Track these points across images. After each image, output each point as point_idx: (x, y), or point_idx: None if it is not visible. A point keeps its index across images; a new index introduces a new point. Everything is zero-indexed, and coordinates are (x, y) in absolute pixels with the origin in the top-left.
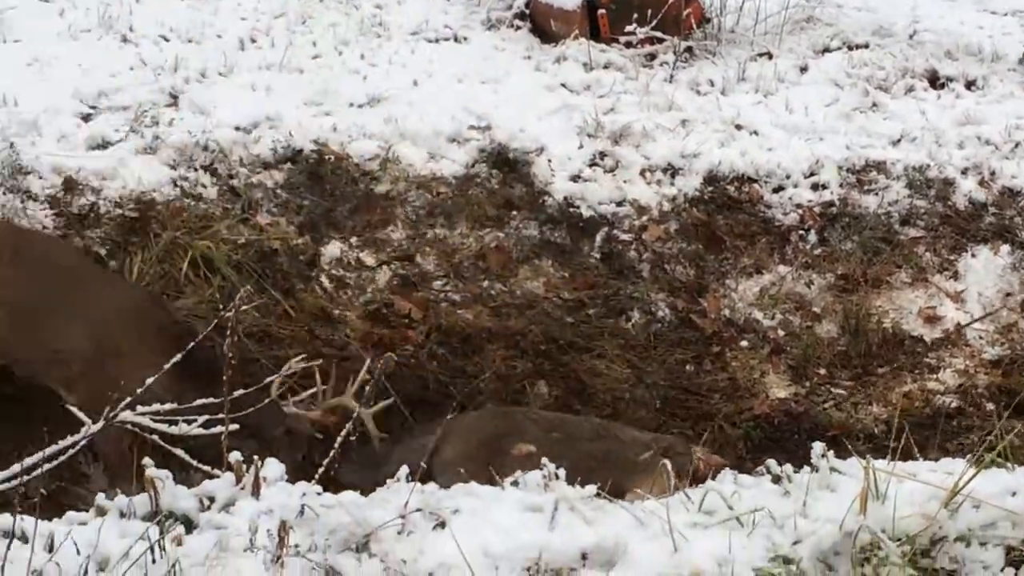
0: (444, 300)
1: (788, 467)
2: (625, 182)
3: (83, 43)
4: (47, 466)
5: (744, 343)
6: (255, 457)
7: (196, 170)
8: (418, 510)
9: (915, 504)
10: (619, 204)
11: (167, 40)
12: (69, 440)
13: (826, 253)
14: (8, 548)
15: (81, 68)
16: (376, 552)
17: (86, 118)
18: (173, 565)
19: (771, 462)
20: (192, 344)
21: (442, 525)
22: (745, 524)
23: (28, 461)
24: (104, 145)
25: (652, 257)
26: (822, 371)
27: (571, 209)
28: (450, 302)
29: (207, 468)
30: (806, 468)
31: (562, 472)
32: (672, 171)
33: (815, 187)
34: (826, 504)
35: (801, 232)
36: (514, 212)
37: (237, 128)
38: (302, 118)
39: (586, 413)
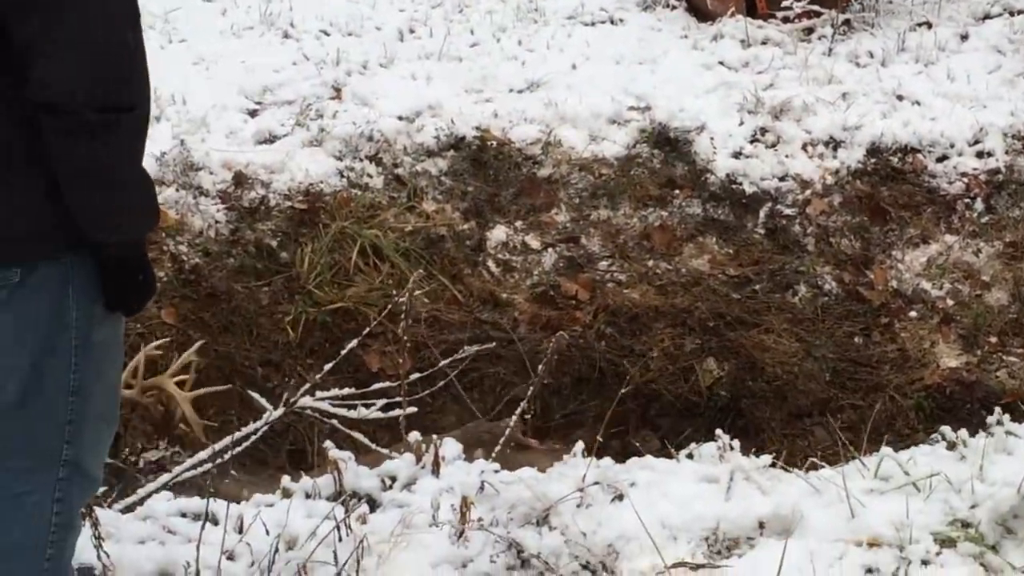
0: (610, 280)
1: (963, 432)
2: (787, 157)
3: (245, 41)
4: (234, 451)
5: (913, 314)
6: (434, 437)
7: (361, 160)
8: (595, 483)
9: None
10: (781, 179)
11: (327, 34)
12: (252, 426)
13: (993, 221)
14: (202, 529)
15: (245, 65)
16: (556, 525)
17: (252, 113)
18: (360, 542)
19: (945, 428)
20: (365, 332)
21: (620, 498)
22: (922, 489)
23: (215, 447)
24: (271, 139)
25: (816, 231)
26: (993, 339)
27: (734, 186)
28: (616, 282)
29: (385, 451)
30: (981, 433)
31: (736, 443)
32: (834, 144)
33: (980, 155)
34: (1003, 468)
35: (967, 201)
36: (676, 191)
37: (400, 118)
38: (463, 105)
39: (757, 388)
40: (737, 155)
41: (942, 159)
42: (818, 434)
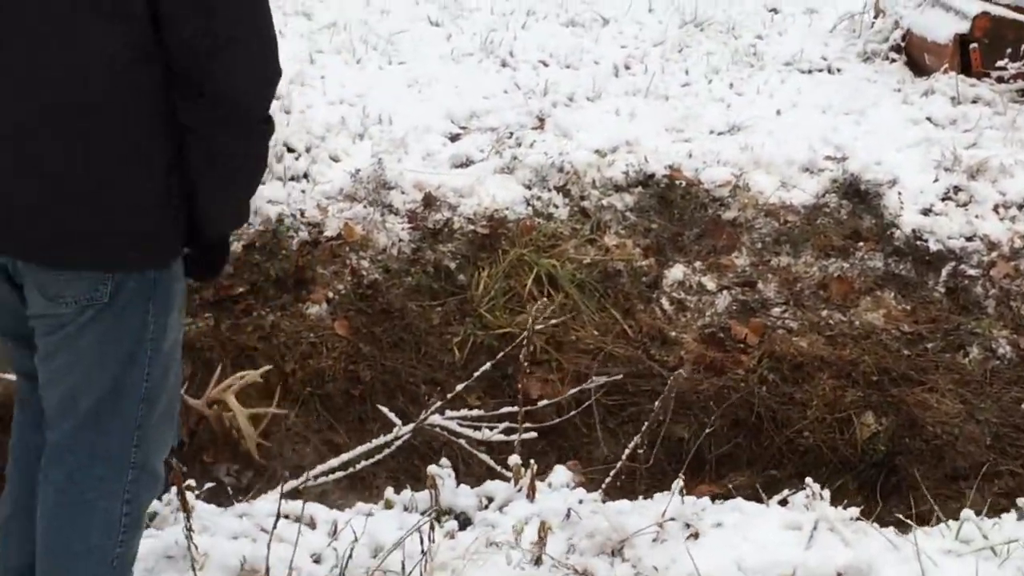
0: (781, 327)
1: None
2: (977, 217)
3: (463, 66)
4: (363, 464)
5: None
6: (531, 462)
7: (549, 190)
8: (672, 519)
9: None
10: (969, 239)
11: (546, 65)
12: (382, 439)
13: None
14: (299, 534)
15: (457, 90)
16: (628, 557)
17: (454, 138)
18: (423, 555)
19: None
20: (501, 354)
21: (695, 536)
22: (999, 554)
23: (344, 457)
24: (467, 164)
25: (999, 293)
26: None
27: (919, 242)
28: (787, 329)
29: (503, 470)
30: None
31: (826, 492)
32: None
33: None
34: None
35: None
36: (860, 243)
37: (596, 152)
38: (660, 143)
39: (913, 445)
40: (926, 212)
41: None
42: (972, 498)
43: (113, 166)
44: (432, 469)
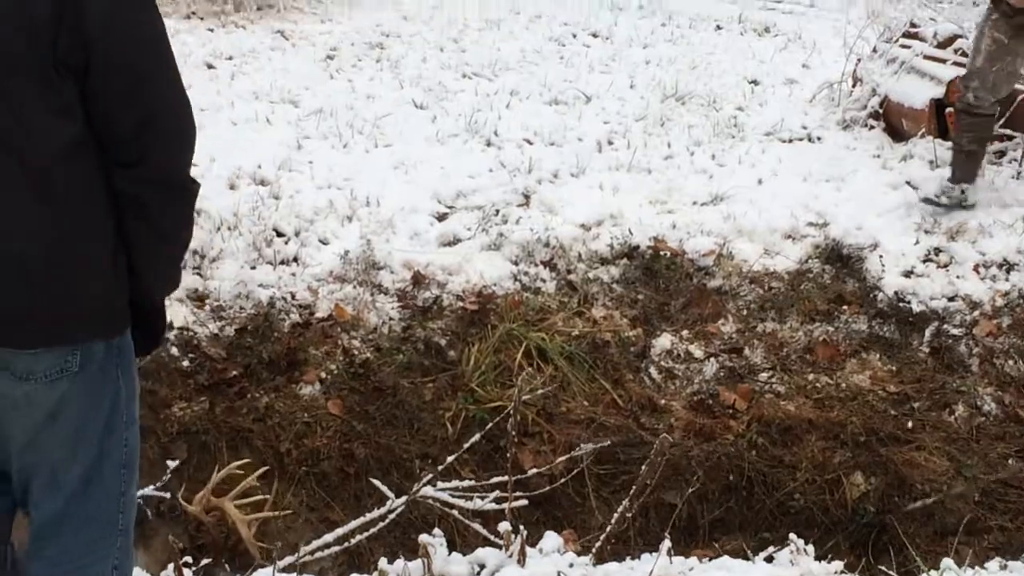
0: (768, 391)
1: None
2: (958, 277)
3: (449, 147)
4: (358, 538)
5: None
6: (520, 527)
7: (536, 265)
8: None
9: None
10: (951, 299)
11: (530, 143)
12: (376, 513)
13: None
14: None
15: (443, 171)
16: None
17: (441, 217)
18: None
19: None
20: (488, 426)
21: None
22: None
23: (339, 532)
24: (454, 242)
25: (982, 352)
26: None
27: (901, 304)
28: (774, 393)
29: (497, 539)
30: None
31: (810, 548)
32: (1007, 267)
33: None
34: None
35: None
36: (844, 307)
37: (581, 226)
38: (643, 216)
39: (902, 504)
40: (908, 274)
41: None
42: (963, 554)
43: (73, 244)
44: (424, 538)
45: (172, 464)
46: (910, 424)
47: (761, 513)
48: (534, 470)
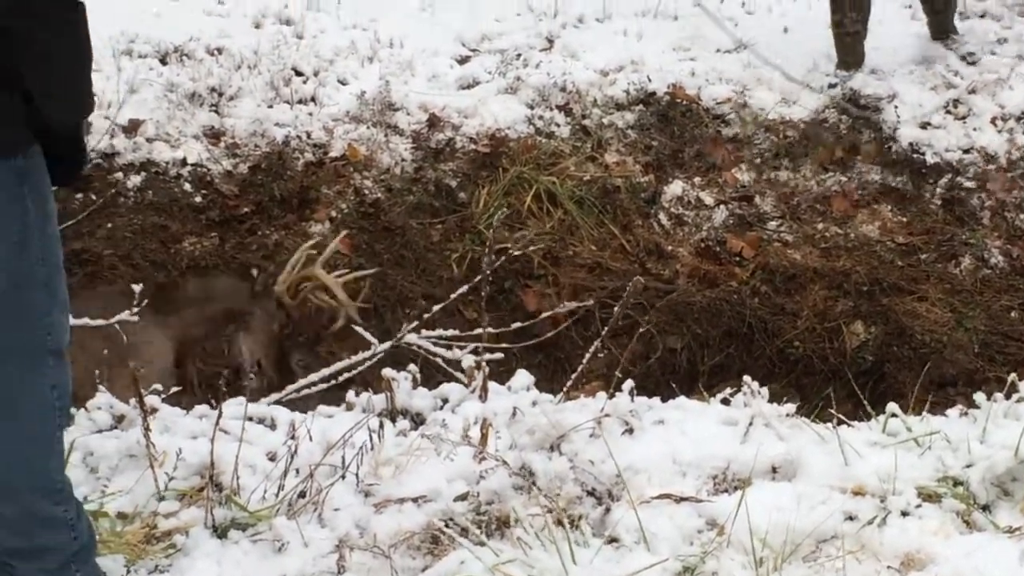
0: (776, 240)
1: (979, 395)
2: (975, 130)
3: None
4: (343, 377)
5: None
6: (483, 363)
7: (552, 109)
8: (607, 415)
9: None
10: (966, 151)
11: None
12: (360, 355)
13: None
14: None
15: (471, 13)
16: (565, 452)
17: (462, 60)
18: (358, 449)
19: (979, 395)
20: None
21: (630, 431)
22: (921, 445)
23: (324, 372)
24: (472, 85)
25: (994, 204)
26: None
27: (915, 155)
28: (782, 242)
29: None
30: (998, 397)
31: (765, 390)
32: None
33: None
34: (1009, 432)
35: None
36: (858, 157)
37: (600, 71)
38: (664, 63)
39: (901, 353)
40: (925, 125)
41: None
42: (960, 404)
43: None
44: (387, 372)
45: None
46: (915, 275)
47: (760, 360)
48: (543, 315)
